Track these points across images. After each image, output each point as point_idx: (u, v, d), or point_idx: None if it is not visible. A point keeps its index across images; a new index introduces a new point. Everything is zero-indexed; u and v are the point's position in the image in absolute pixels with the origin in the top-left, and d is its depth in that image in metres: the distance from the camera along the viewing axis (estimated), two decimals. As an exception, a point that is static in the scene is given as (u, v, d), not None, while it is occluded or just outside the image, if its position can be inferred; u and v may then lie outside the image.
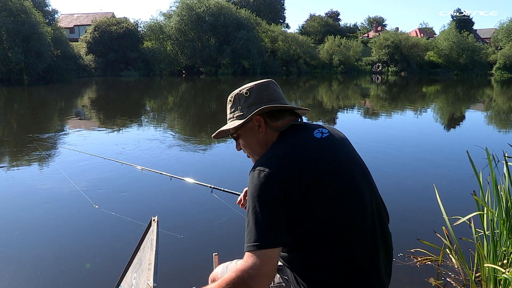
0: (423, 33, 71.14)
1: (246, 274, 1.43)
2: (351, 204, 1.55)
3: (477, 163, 3.43)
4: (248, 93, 1.72)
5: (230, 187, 2.80)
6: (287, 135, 1.65)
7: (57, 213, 5.30)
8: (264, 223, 1.45)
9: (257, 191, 1.48)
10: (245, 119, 1.69)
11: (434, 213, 3.88)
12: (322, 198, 1.50)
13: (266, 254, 1.44)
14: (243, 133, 1.76)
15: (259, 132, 1.71)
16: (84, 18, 59.06)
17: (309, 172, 1.50)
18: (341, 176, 1.56)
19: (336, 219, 1.52)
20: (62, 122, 14.12)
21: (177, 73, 46.87)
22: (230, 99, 1.79)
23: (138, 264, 2.20)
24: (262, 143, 1.72)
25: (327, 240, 1.51)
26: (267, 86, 1.75)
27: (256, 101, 1.70)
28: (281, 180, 1.48)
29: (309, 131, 1.67)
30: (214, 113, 17.10)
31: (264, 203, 1.47)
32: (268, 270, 1.44)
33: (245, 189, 2.13)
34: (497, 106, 20.60)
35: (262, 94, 1.72)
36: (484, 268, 3.26)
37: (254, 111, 1.67)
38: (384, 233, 1.67)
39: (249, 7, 59.07)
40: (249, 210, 1.50)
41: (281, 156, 1.53)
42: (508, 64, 49.82)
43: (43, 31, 35.79)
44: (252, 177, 1.52)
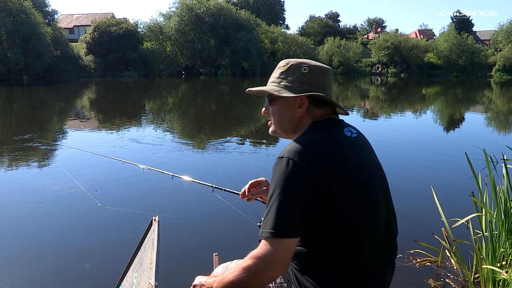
0: (422, 34, 71.20)
1: (261, 261, 1.44)
2: (368, 209, 1.56)
3: (475, 164, 3.45)
4: (307, 70, 1.66)
5: (231, 187, 2.81)
6: (321, 127, 1.63)
7: (58, 213, 5.30)
8: (285, 212, 1.44)
9: (284, 179, 1.46)
10: (292, 94, 1.62)
11: (433, 214, 3.89)
12: (344, 198, 1.50)
13: (283, 243, 1.44)
14: (280, 103, 1.70)
15: (297, 112, 1.67)
16: (84, 19, 59.08)
17: (336, 169, 1.49)
18: (364, 179, 1.56)
19: (353, 221, 1.52)
20: (61, 123, 14.13)
21: (176, 74, 46.89)
22: (284, 65, 1.72)
23: (139, 264, 2.21)
24: (293, 123, 1.69)
25: (340, 240, 1.51)
26: (326, 73, 1.70)
27: (310, 82, 1.65)
28: (309, 172, 1.46)
29: (340, 129, 1.65)
30: (214, 114, 17.12)
31: (289, 192, 1.45)
32: (284, 259, 1.44)
33: (250, 181, 2.10)
34: (496, 108, 20.62)
35: (319, 78, 1.67)
36: (482, 269, 3.27)
37: (305, 90, 1.63)
38: (392, 243, 1.70)
39: (249, 8, 59.10)
40: (271, 197, 1.48)
41: (313, 148, 1.51)
42: (508, 66, 49.89)
43: (43, 32, 35.82)
44: (280, 164, 1.49)
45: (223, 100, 23.66)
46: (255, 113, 17.33)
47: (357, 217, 1.53)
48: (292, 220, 1.45)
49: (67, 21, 59.02)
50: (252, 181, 2.09)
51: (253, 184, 2.09)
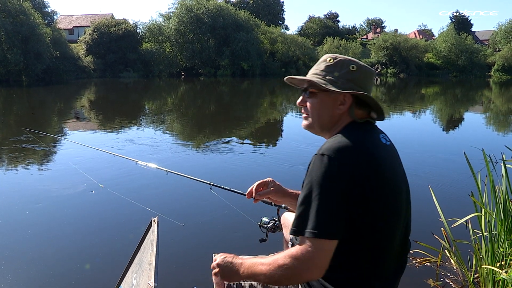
0: (422, 34, 71.26)
1: (300, 262, 1.42)
2: (393, 217, 1.55)
3: (474, 164, 3.45)
4: (355, 68, 1.64)
5: (230, 186, 2.80)
6: (360, 128, 1.61)
7: (56, 213, 5.30)
8: (328, 211, 1.41)
9: (325, 177, 1.42)
10: (337, 89, 1.58)
11: (433, 214, 3.89)
12: (376, 203, 1.48)
13: (325, 244, 1.41)
14: (322, 97, 1.66)
15: (338, 108, 1.63)
16: (83, 20, 59.07)
17: (374, 174, 1.47)
18: (395, 188, 1.56)
19: (378, 227, 1.51)
20: (61, 123, 14.12)
21: (176, 74, 46.89)
22: (331, 59, 1.67)
23: (139, 265, 2.21)
24: (333, 119, 1.66)
25: (363, 244, 1.50)
26: (372, 75, 1.70)
27: (356, 81, 1.62)
28: (349, 172, 1.43)
29: (376, 134, 1.64)
30: (213, 115, 17.11)
31: (330, 191, 1.42)
32: (324, 262, 1.41)
33: (257, 182, 2.07)
34: (496, 108, 20.64)
35: (365, 79, 1.65)
36: (482, 269, 3.27)
37: (350, 88, 1.60)
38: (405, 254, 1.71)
39: (248, 9, 59.17)
40: (309, 195, 1.44)
41: (354, 148, 1.48)
42: (507, 66, 49.95)
43: (42, 32, 35.79)
44: (321, 161, 1.45)
45: (222, 100, 23.66)
46: (254, 113, 17.35)
47: (382, 224, 1.51)
48: (335, 221, 1.42)
49: (67, 22, 59.01)
50: (259, 182, 2.07)
51: (260, 184, 2.07)
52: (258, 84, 38.02)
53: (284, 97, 25.48)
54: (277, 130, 13.17)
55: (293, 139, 10.65)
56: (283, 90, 30.65)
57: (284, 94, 27.46)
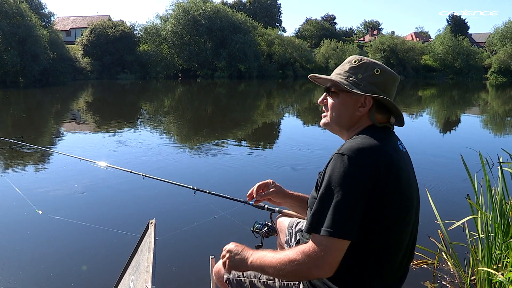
0: (418, 37, 71.48)
1: (311, 259, 1.42)
2: (405, 224, 1.56)
3: (471, 167, 3.46)
4: (379, 71, 1.64)
5: (225, 190, 2.80)
6: (380, 132, 1.61)
7: (54, 215, 5.27)
8: (345, 211, 1.41)
9: (344, 177, 1.42)
10: (360, 92, 1.60)
11: (429, 217, 3.90)
12: (391, 208, 1.48)
13: (338, 244, 1.41)
14: (343, 97, 1.67)
15: (358, 110, 1.64)
16: (81, 21, 58.97)
17: (391, 179, 1.47)
18: (409, 195, 1.56)
19: (391, 232, 1.52)
20: (57, 125, 14.08)
21: (173, 76, 46.87)
22: (356, 60, 1.68)
23: (136, 267, 2.21)
24: (352, 121, 1.67)
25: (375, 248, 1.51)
26: (395, 80, 1.70)
27: (379, 84, 1.63)
28: (371, 174, 1.43)
29: (395, 140, 1.66)
30: (210, 117, 17.11)
31: (349, 192, 1.42)
32: (335, 261, 1.42)
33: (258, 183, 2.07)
34: (492, 110, 20.70)
35: (388, 83, 1.66)
36: (479, 271, 3.28)
37: (373, 91, 1.61)
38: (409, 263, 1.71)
39: (246, 11, 59.26)
40: (327, 194, 1.44)
41: (373, 151, 1.48)
42: (503, 68, 50.09)
43: (39, 34, 35.73)
44: (341, 161, 1.45)
45: (219, 102, 23.65)
46: (251, 115, 17.35)
47: (394, 230, 1.52)
48: (351, 222, 1.42)
49: (64, 24, 58.92)
50: (260, 183, 2.07)
51: (260, 186, 2.07)
52: (255, 86, 38.03)
53: (281, 99, 25.50)
54: (274, 132, 13.16)
55: (289, 141, 10.64)
56: (280, 92, 30.72)
57: (281, 96, 27.51)
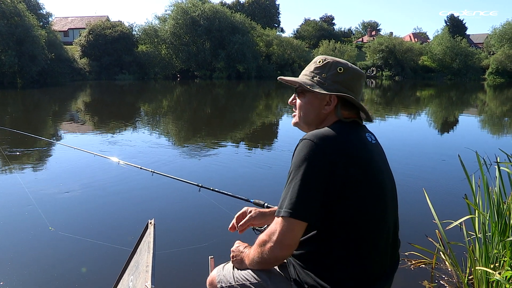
0: (417, 37, 71.53)
1: (270, 239, 1.50)
2: (376, 213, 1.59)
3: (469, 167, 3.47)
4: (342, 70, 1.68)
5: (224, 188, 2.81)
6: (345, 126, 1.65)
7: (52, 216, 5.27)
8: (302, 193, 1.46)
9: (304, 160, 1.48)
10: (324, 91, 1.65)
11: (427, 217, 3.92)
12: (355, 198, 1.52)
13: (294, 224, 1.46)
14: (309, 97, 1.73)
15: (324, 108, 1.70)
16: (79, 22, 58.90)
17: (354, 166, 1.51)
18: (376, 185, 1.60)
19: (361, 223, 1.54)
20: (55, 125, 14.07)
21: (171, 77, 46.81)
22: (320, 61, 1.73)
23: (135, 267, 2.21)
24: (320, 118, 1.72)
25: (346, 239, 1.54)
26: (359, 77, 1.73)
27: (343, 82, 1.68)
28: (328, 158, 1.48)
29: (362, 132, 1.69)
30: (209, 117, 17.11)
31: (308, 174, 1.47)
32: (293, 241, 1.48)
33: (236, 215, 2.10)
34: (490, 111, 20.74)
35: (352, 81, 1.70)
36: (476, 270, 3.30)
37: (337, 90, 1.66)
38: (394, 252, 1.73)
39: (244, 11, 59.25)
40: (291, 177, 1.50)
41: (336, 139, 1.54)
42: (501, 69, 50.18)
43: (37, 34, 35.63)
44: (303, 145, 1.51)
45: (218, 103, 23.65)
46: (250, 116, 17.35)
47: (365, 220, 1.55)
48: (308, 203, 1.47)
49: (62, 24, 58.83)
50: (237, 215, 2.10)
51: (239, 217, 2.10)
52: (253, 86, 38.03)
53: (280, 99, 25.49)
54: (274, 132, 13.18)
55: (290, 140, 10.65)
56: (278, 92, 30.71)
57: (280, 96, 27.49)
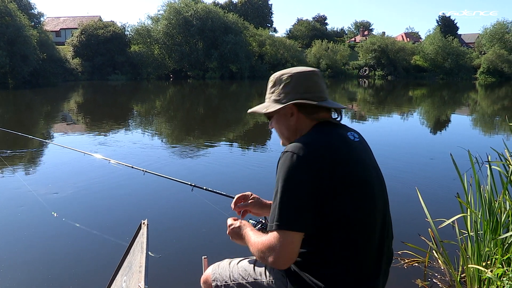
0: (409, 37, 71.81)
1: (268, 252, 1.52)
2: (366, 211, 1.59)
3: (461, 165, 3.49)
4: (289, 80, 1.71)
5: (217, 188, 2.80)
6: (323, 128, 1.67)
7: (43, 217, 5.24)
8: (290, 204, 1.48)
9: (287, 172, 1.50)
10: (278, 107, 1.69)
11: (420, 215, 3.94)
12: (346, 196, 1.53)
13: (288, 236, 1.48)
14: (276, 117, 1.78)
15: (291, 120, 1.72)
16: (71, 22, 58.57)
17: (339, 167, 1.53)
18: (363, 182, 1.60)
19: (351, 222, 1.55)
20: (47, 125, 13.99)
21: (164, 77, 46.69)
22: (271, 79, 1.78)
23: (128, 268, 2.20)
24: (292, 130, 1.74)
25: (338, 239, 1.55)
26: (308, 76, 1.73)
27: (293, 90, 1.69)
28: (313, 166, 1.50)
29: (343, 131, 1.71)
30: (202, 117, 17.09)
31: (293, 185, 1.49)
32: (288, 253, 1.49)
33: (237, 195, 2.10)
34: (481, 110, 20.89)
35: (302, 83, 1.70)
36: (468, 268, 3.32)
37: (290, 99, 1.68)
38: (388, 247, 1.73)
39: (237, 11, 59.22)
40: (277, 190, 1.52)
41: (316, 145, 1.55)
42: (492, 69, 50.53)
43: (29, 34, 35.39)
44: (285, 158, 1.54)
45: (211, 103, 23.63)
46: (243, 116, 17.34)
47: (356, 218, 1.56)
48: (296, 213, 1.48)
49: (54, 24, 58.48)
50: (239, 195, 2.10)
51: (240, 197, 2.10)
52: (246, 86, 38.01)
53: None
54: (266, 132, 13.18)
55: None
56: (271, 92, 30.61)
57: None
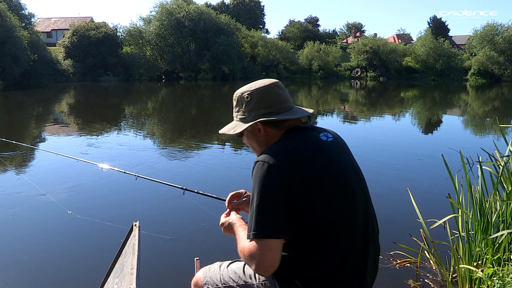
0: (400, 39, 72.22)
1: (249, 259, 1.53)
2: (346, 209, 1.59)
3: (452, 166, 3.51)
4: (249, 97, 1.73)
5: (208, 190, 2.80)
6: (293, 134, 1.68)
7: (36, 220, 5.21)
8: (264, 212, 1.50)
9: (260, 181, 1.52)
10: (244, 127, 1.72)
11: (412, 216, 3.96)
12: (321, 197, 1.54)
13: (266, 244, 1.49)
14: (246, 134, 1.79)
15: (260, 135, 1.74)
16: (62, 22, 58.21)
17: (311, 170, 1.54)
18: (340, 180, 1.61)
19: (330, 222, 1.55)
20: (38, 128, 13.89)
21: (156, 78, 46.52)
22: (234, 98, 1.81)
23: (120, 269, 2.19)
24: (262, 144, 1.75)
25: (319, 241, 1.55)
26: (269, 90, 1.73)
27: (255, 107, 1.71)
28: (283, 173, 1.52)
29: (315, 133, 1.71)
30: (194, 119, 17.06)
31: (265, 194, 1.51)
32: (269, 260, 1.50)
33: (231, 193, 2.11)
34: (472, 111, 21.04)
35: (263, 99, 1.71)
36: (460, 268, 3.34)
37: (255, 116, 1.70)
38: (374, 242, 1.72)
39: (229, 13, 59.17)
40: (252, 199, 1.54)
41: (286, 151, 1.58)
42: (482, 70, 50.91)
43: (19, 35, 35.06)
44: (256, 168, 1.56)
45: (203, 104, 23.59)
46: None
47: (333, 219, 1.56)
48: (271, 220, 1.50)
49: (45, 25, 58.09)
50: (232, 193, 2.10)
51: (233, 195, 2.09)
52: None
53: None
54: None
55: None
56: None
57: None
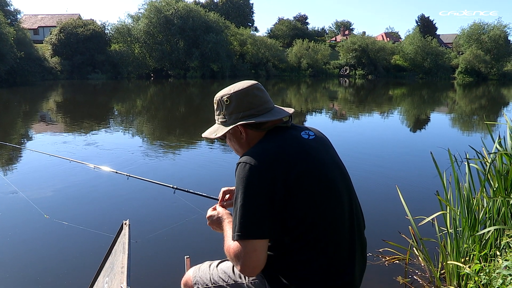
0: (389, 37, 72.67)
1: (235, 260, 1.53)
2: (330, 205, 1.60)
3: (440, 164, 3.55)
4: (229, 101, 1.73)
5: (198, 189, 2.80)
6: (274, 134, 1.69)
7: (25, 219, 5.16)
8: (248, 214, 1.50)
9: (242, 183, 1.52)
10: (225, 131, 1.73)
11: (401, 213, 3.99)
12: (305, 196, 1.55)
13: (250, 244, 1.49)
14: (228, 136, 1.80)
15: (241, 138, 1.75)
16: (49, 19, 57.58)
17: (294, 169, 1.54)
18: (323, 177, 1.61)
19: (315, 220, 1.56)
20: (25, 126, 13.74)
21: (145, 76, 46.29)
22: (214, 102, 1.81)
23: (110, 268, 2.19)
24: (244, 145, 1.75)
25: (305, 239, 1.55)
26: (248, 92, 1.73)
27: (235, 110, 1.71)
28: (266, 173, 1.52)
29: (296, 132, 1.71)
30: (183, 117, 17.01)
31: (248, 195, 1.51)
32: (254, 261, 1.50)
33: (223, 189, 2.10)
34: (460, 109, 21.27)
35: (242, 102, 1.71)
36: (448, 265, 3.38)
37: (236, 119, 1.70)
38: (360, 237, 1.73)
39: (218, 10, 59.08)
40: (235, 201, 1.54)
41: (267, 151, 1.58)
42: (469, 69, 51.50)
43: (5, 32, 34.57)
44: (239, 169, 1.57)
45: (192, 102, 23.52)
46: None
47: (319, 216, 1.57)
48: (255, 221, 1.50)
49: (31, 22, 57.42)
50: (224, 189, 2.08)
51: (225, 192, 2.08)
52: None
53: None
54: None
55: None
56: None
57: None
